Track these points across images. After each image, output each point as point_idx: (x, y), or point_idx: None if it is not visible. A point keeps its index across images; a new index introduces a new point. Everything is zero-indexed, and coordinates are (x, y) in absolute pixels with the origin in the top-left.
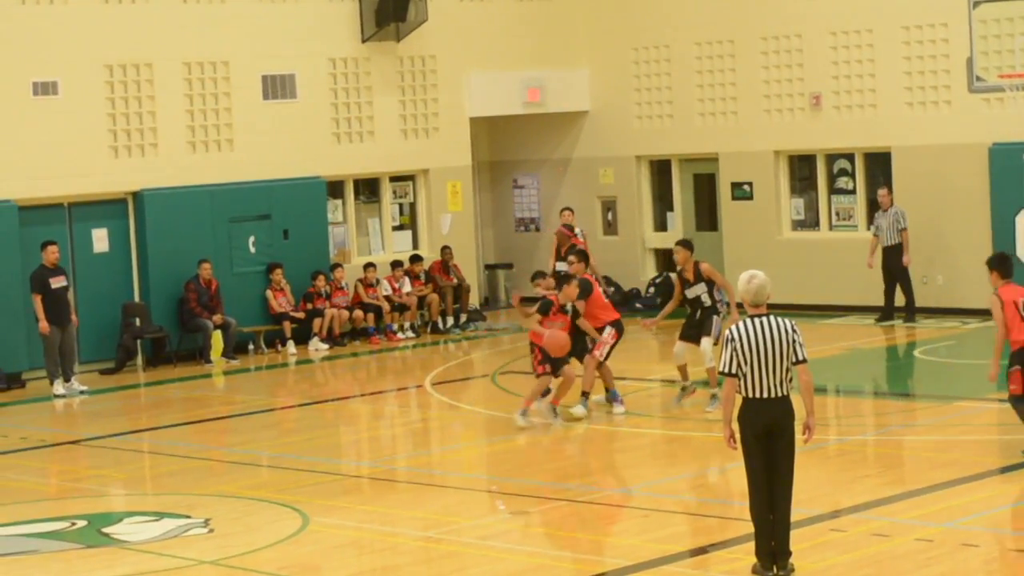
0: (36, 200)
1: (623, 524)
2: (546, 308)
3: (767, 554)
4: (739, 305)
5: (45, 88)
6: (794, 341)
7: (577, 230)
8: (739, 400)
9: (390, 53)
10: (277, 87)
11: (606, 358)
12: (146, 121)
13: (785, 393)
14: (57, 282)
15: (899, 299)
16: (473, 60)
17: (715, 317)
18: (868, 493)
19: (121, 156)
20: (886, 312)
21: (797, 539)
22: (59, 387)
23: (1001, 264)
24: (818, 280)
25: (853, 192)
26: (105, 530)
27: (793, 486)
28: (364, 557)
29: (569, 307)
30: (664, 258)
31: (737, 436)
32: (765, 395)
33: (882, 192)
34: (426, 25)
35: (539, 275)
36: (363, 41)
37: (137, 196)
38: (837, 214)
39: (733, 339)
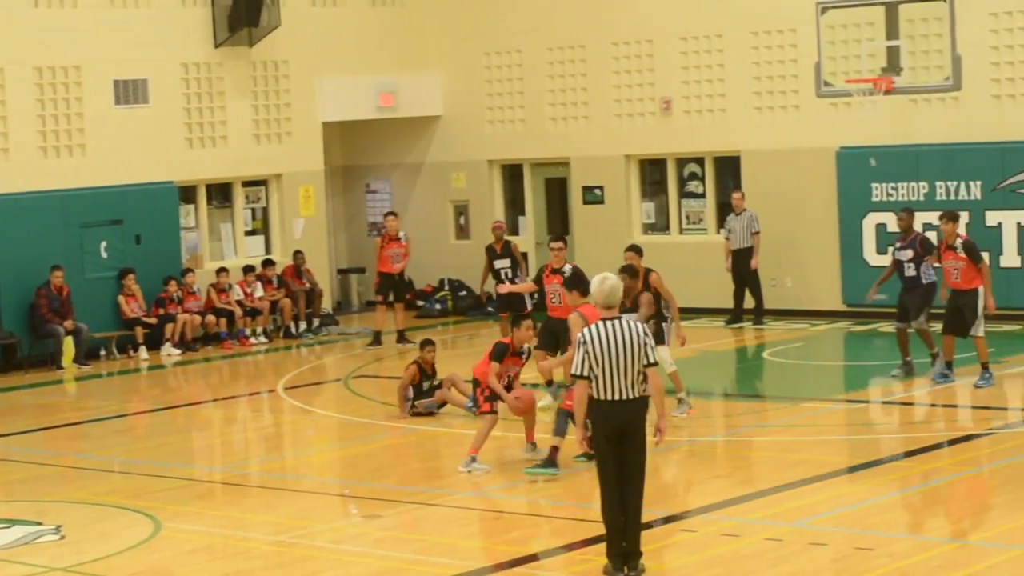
0: None
1: (476, 527)
2: (501, 353)
3: (618, 555)
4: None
5: None
6: (645, 344)
7: (401, 234)
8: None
9: (243, 58)
10: (129, 92)
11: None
12: None
13: (636, 395)
14: None
15: (748, 301)
16: (326, 65)
17: (664, 324)
18: (718, 494)
19: None
20: (735, 314)
21: (648, 539)
22: None
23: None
24: (669, 283)
25: (703, 196)
26: None
27: (644, 487)
28: (216, 562)
29: (526, 350)
30: None
31: (588, 437)
32: (616, 397)
33: (736, 195)
34: (279, 30)
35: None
36: (216, 46)
37: None
38: (687, 218)
39: (585, 342)
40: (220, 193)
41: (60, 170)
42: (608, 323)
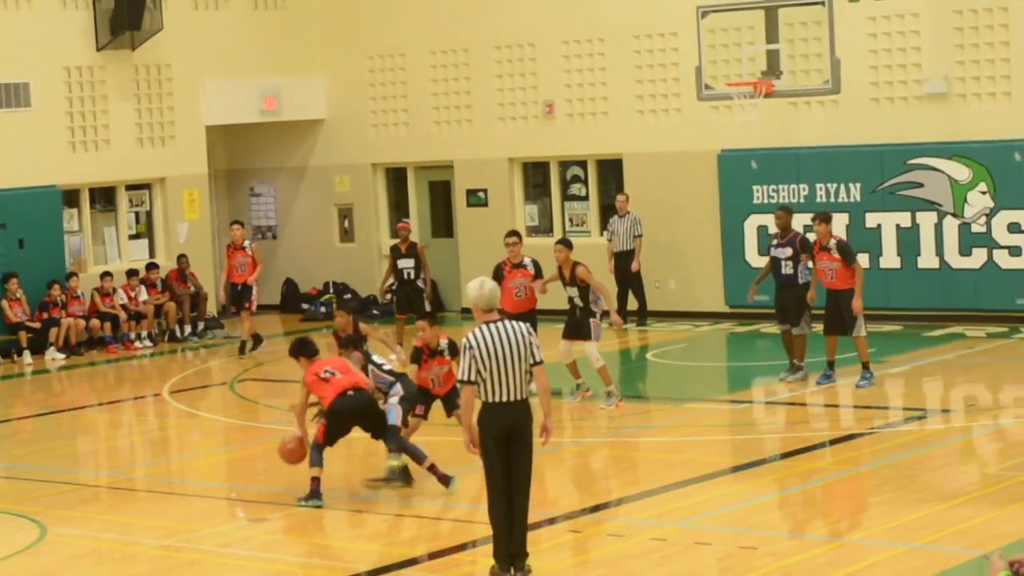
0: None
1: (363, 529)
2: (417, 357)
3: (505, 556)
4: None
5: None
6: (531, 344)
7: (246, 243)
8: (479, 404)
9: (125, 61)
10: (11, 96)
11: None
12: None
13: (524, 396)
14: None
15: (632, 303)
16: (209, 68)
17: (592, 320)
18: (604, 494)
19: None
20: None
21: (536, 540)
22: None
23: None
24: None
25: (586, 199)
26: None
27: (531, 488)
28: (104, 567)
29: (444, 344)
30: None
31: (476, 440)
32: (504, 399)
33: (620, 198)
34: (161, 33)
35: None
36: (98, 49)
37: None
38: (571, 220)
39: (471, 346)
40: (104, 197)
41: None
42: (492, 325)
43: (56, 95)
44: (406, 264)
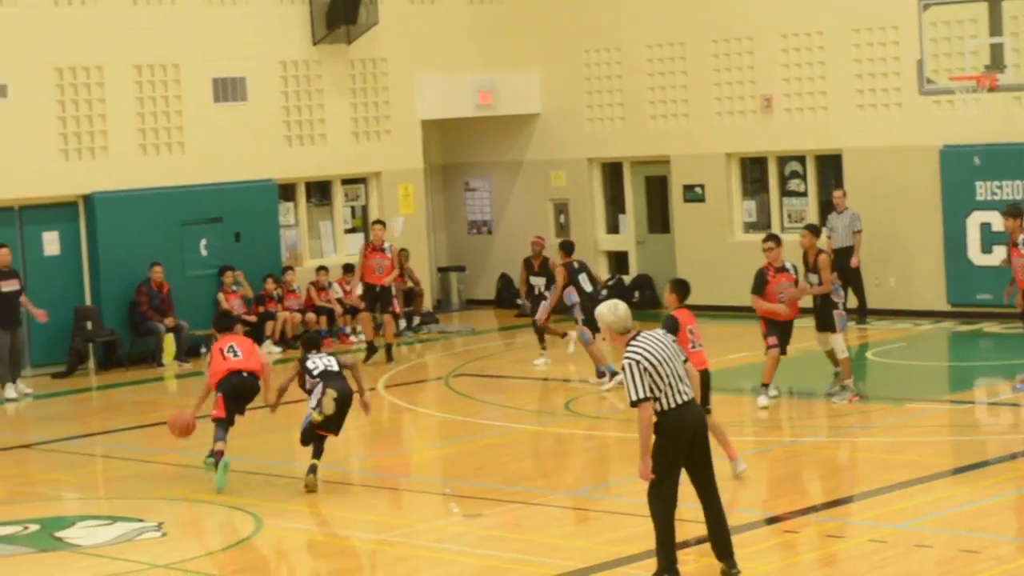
0: None
1: (577, 527)
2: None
3: (671, 561)
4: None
5: None
6: (675, 342)
7: (386, 245)
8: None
9: (341, 56)
10: (228, 90)
11: None
12: (96, 124)
13: (693, 395)
14: (8, 285)
15: (852, 301)
16: (424, 62)
17: (835, 311)
18: (822, 495)
19: (72, 159)
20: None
21: (752, 541)
22: (11, 391)
23: None
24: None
25: (805, 194)
26: (58, 534)
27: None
28: (318, 560)
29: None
30: (617, 260)
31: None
32: (684, 400)
33: (837, 193)
34: (377, 27)
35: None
36: (314, 44)
37: (88, 199)
38: (789, 216)
39: (640, 361)
40: (319, 191)
41: (159, 168)
42: (640, 338)
43: (272, 89)
44: (537, 281)
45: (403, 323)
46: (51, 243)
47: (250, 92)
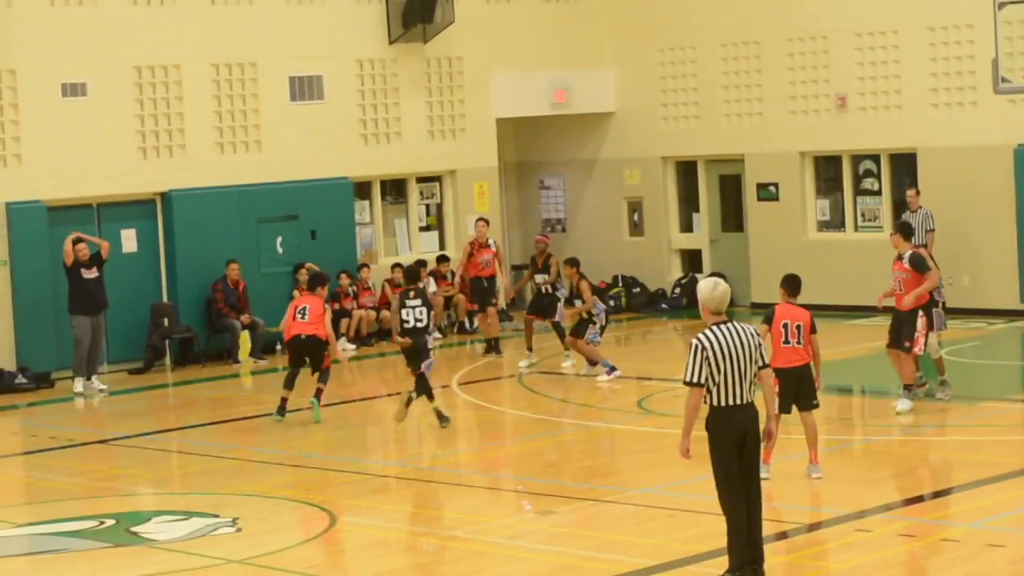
0: (65, 201)
1: (649, 524)
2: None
3: (740, 560)
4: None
5: (74, 89)
6: (759, 346)
7: (491, 240)
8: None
9: (417, 54)
10: (305, 88)
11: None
12: (174, 122)
13: (752, 400)
14: (89, 273)
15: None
16: (500, 61)
17: (934, 308)
18: (894, 493)
19: (150, 157)
20: None
21: (823, 539)
22: (78, 385)
23: None
24: (843, 281)
25: (879, 193)
26: (134, 529)
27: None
28: (391, 556)
29: None
30: (690, 259)
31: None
32: (736, 402)
33: (911, 192)
34: (453, 26)
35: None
36: (390, 42)
37: (165, 197)
38: (862, 215)
39: (703, 347)
40: (395, 189)
41: (236, 166)
42: (722, 327)
43: (349, 88)
44: (541, 278)
45: (476, 321)
46: (129, 240)
47: (327, 91)
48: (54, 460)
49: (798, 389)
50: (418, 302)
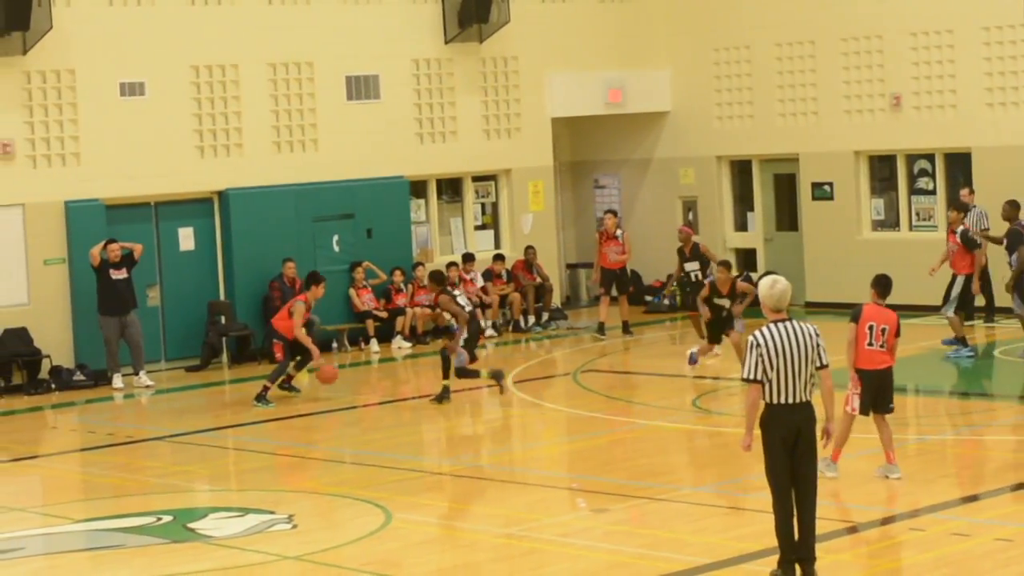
0: (123, 199)
1: (703, 522)
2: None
3: (790, 562)
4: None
5: (132, 89)
6: (818, 346)
7: (618, 232)
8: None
9: (472, 54)
10: (361, 88)
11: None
12: (231, 121)
13: (808, 399)
14: (118, 274)
15: (979, 299)
16: (554, 61)
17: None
18: (947, 493)
19: (207, 156)
20: (967, 312)
21: (877, 538)
22: (118, 380)
23: None
24: (898, 280)
25: (933, 192)
26: (190, 525)
27: (817, 492)
28: (445, 553)
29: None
30: (744, 258)
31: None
32: (790, 400)
33: (964, 192)
34: (508, 26)
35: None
36: (446, 42)
37: (223, 195)
38: (917, 214)
39: (759, 344)
40: (450, 188)
41: (293, 165)
42: (781, 325)
43: (405, 87)
44: (692, 267)
45: (532, 319)
46: (186, 239)
47: (383, 90)
48: (112, 457)
49: (877, 391)
50: (459, 291)
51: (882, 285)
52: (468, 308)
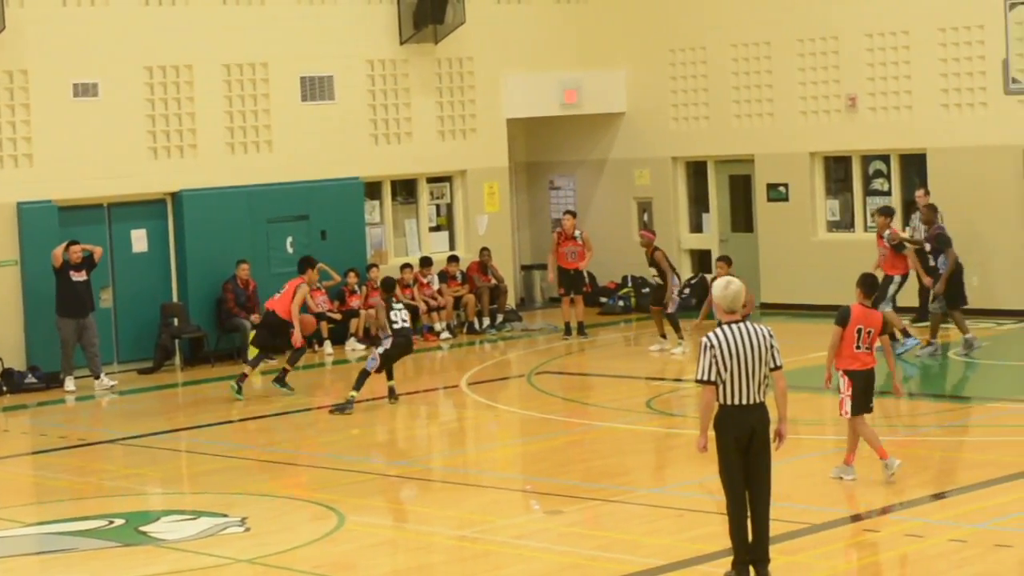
0: (76, 201)
1: (658, 523)
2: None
3: (744, 563)
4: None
5: (85, 90)
6: (772, 347)
7: (577, 233)
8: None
9: (428, 55)
10: (315, 89)
11: None
12: (185, 122)
13: (762, 399)
14: (78, 276)
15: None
16: (510, 61)
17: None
18: (902, 494)
19: (160, 157)
20: (921, 313)
21: (832, 539)
22: (70, 384)
23: None
24: (853, 281)
25: (888, 193)
26: (143, 528)
27: (771, 493)
28: (399, 556)
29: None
30: (699, 259)
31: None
32: (743, 401)
33: (919, 193)
34: (464, 27)
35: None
36: (401, 43)
37: (176, 197)
38: (872, 215)
39: (712, 346)
40: (405, 189)
41: (247, 166)
42: (734, 326)
43: (360, 88)
44: (652, 271)
45: (486, 321)
46: (139, 240)
47: (337, 91)
48: (64, 460)
49: (863, 392)
50: (401, 306)
51: (868, 285)
52: (400, 326)
